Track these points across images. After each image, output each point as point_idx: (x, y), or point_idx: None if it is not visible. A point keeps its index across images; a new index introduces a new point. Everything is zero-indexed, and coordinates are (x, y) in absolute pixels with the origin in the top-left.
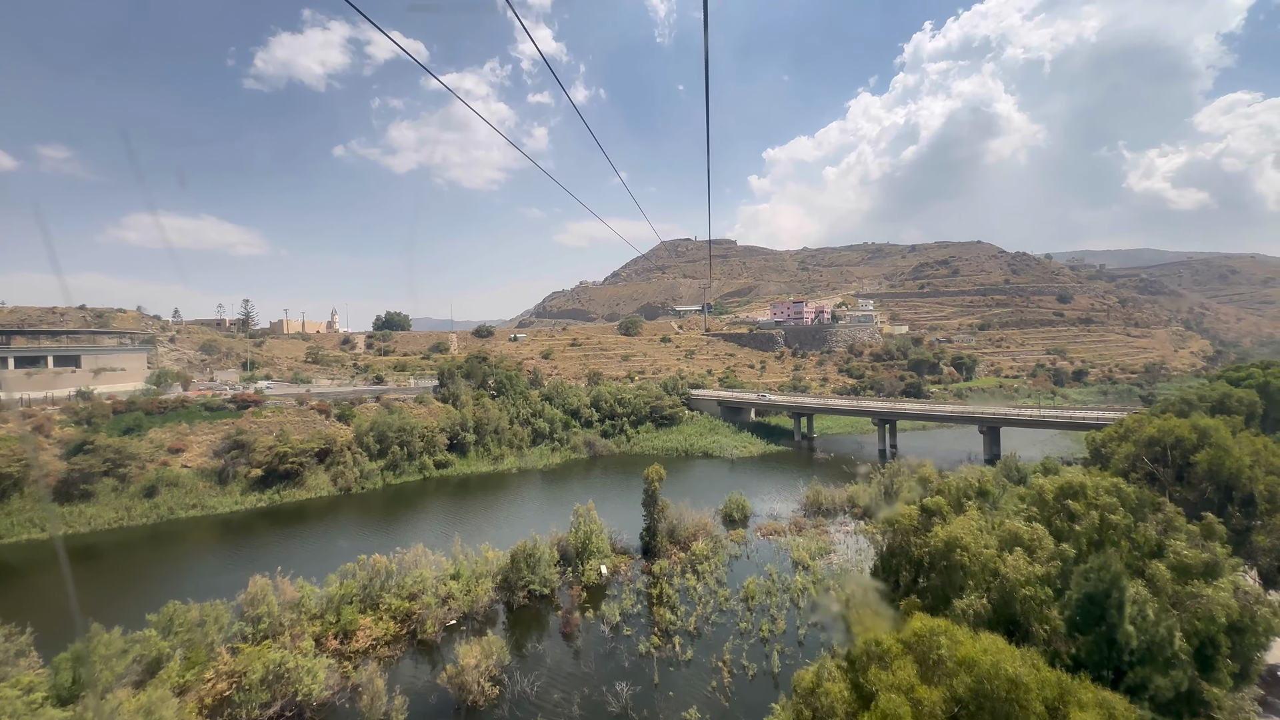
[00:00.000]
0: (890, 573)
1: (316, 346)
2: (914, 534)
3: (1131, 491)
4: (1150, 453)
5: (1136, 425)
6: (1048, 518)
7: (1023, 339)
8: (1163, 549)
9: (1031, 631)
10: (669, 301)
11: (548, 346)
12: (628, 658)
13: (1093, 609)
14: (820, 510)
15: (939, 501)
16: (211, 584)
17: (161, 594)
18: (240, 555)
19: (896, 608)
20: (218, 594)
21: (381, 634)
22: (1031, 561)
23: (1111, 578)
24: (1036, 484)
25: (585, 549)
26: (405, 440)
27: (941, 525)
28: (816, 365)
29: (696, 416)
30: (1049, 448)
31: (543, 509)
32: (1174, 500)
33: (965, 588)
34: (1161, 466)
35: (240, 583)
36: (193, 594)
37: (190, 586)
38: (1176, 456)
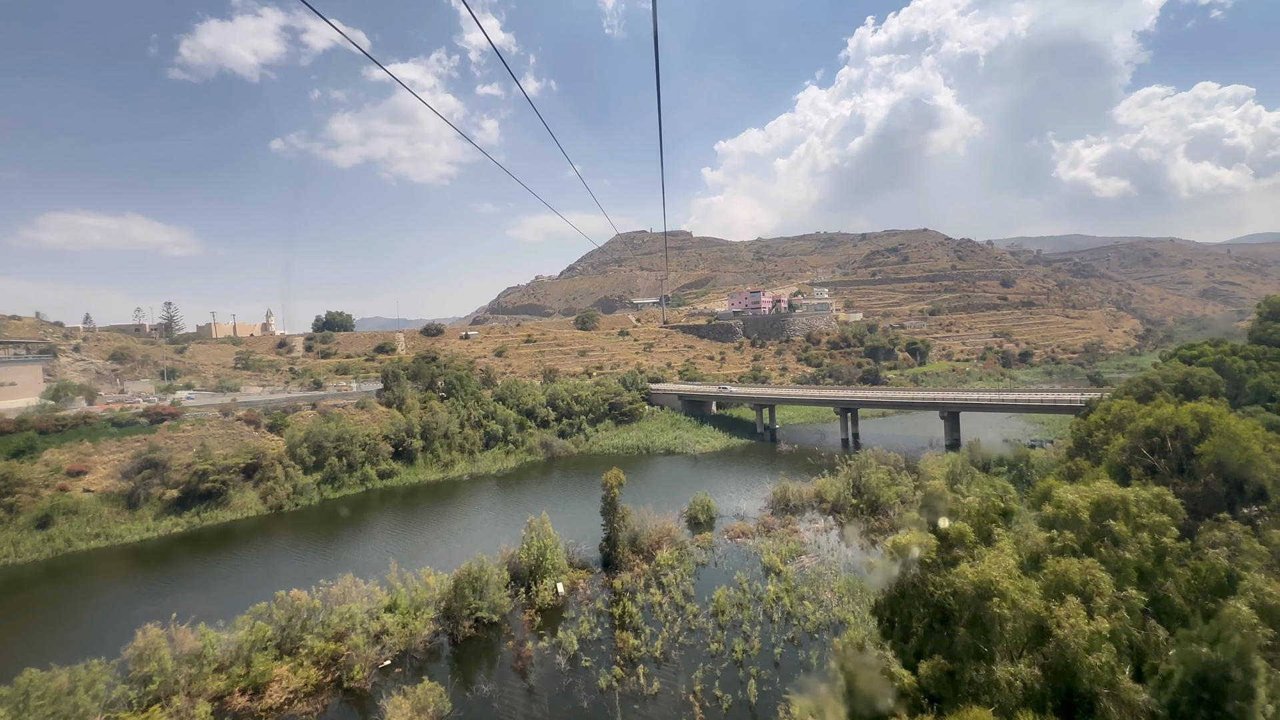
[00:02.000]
0: (898, 617)
1: (248, 351)
2: (931, 570)
3: (1177, 503)
4: (1148, 444)
5: (1126, 413)
6: (1085, 543)
7: (970, 323)
8: (1234, 581)
9: (1104, 713)
10: (626, 294)
11: (501, 344)
12: (587, 695)
13: (1202, 694)
14: (788, 507)
15: (962, 530)
16: (104, 630)
17: (40, 648)
18: (148, 591)
19: (912, 668)
20: (111, 641)
21: (301, 684)
22: (1090, 614)
23: (1237, 654)
24: (1065, 499)
25: (539, 567)
26: (344, 450)
27: (969, 561)
28: (775, 354)
29: (657, 412)
30: (1005, 430)
31: (497, 519)
32: (1177, 495)
33: (1003, 642)
34: (1160, 458)
35: (143, 623)
36: (78, 646)
37: (76, 636)
38: (1177, 447)
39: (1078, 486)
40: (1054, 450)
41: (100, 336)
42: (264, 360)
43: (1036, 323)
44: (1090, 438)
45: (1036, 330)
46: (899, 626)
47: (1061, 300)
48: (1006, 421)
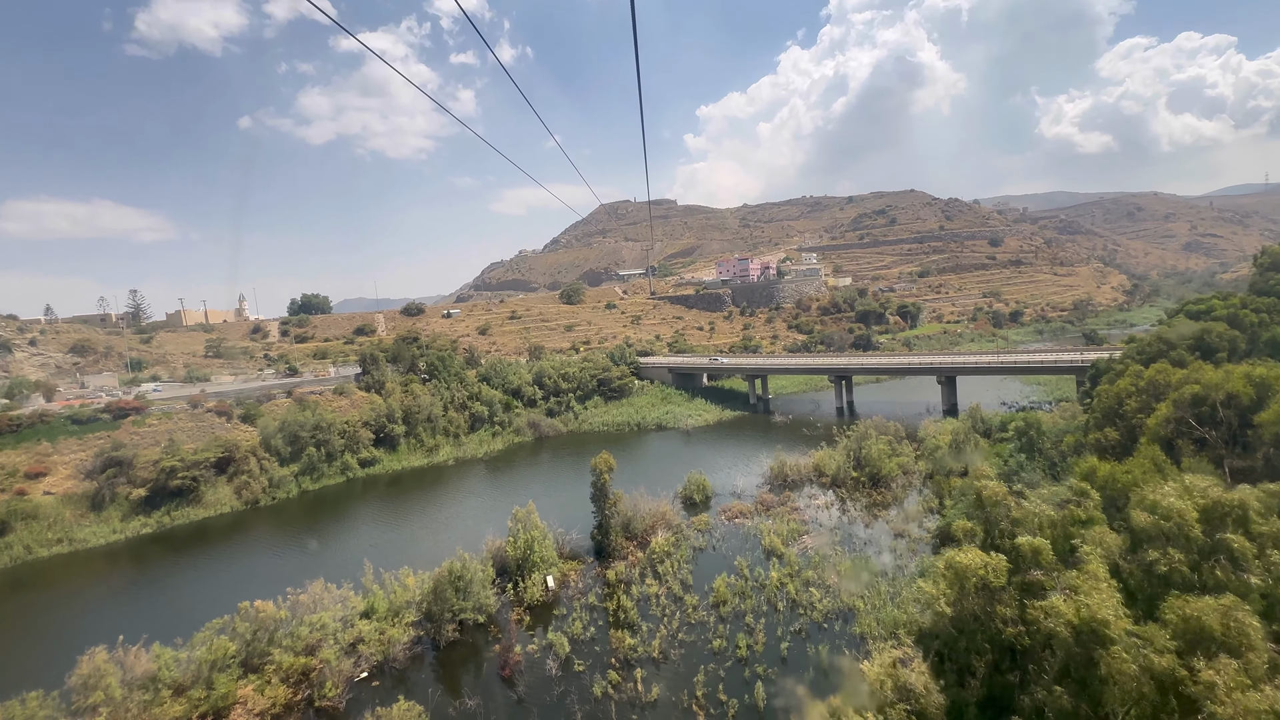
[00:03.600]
0: (953, 653)
1: (220, 338)
2: (999, 599)
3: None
4: (1196, 414)
5: (1161, 378)
6: (1196, 563)
7: (960, 283)
8: None
9: None
10: (612, 266)
11: (484, 321)
12: (581, 705)
13: None
14: (786, 483)
15: (1037, 546)
16: (61, 649)
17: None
18: (116, 601)
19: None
20: (68, 663)
21: (268, 706)
22: (1250, 680)
23: None
24: (1167, 504)
25: (527, 560)
26: (322, 439)
27: (1052, 588)
28: (766, 323)
29: (647, 386)
30: (1002, 392)
31: (484, 506)
32: (1232, 474)
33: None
34: (1211, 429)
35: (107, 636)
36: (30, 670)
37: (29, 658)
38: (1230, 416)
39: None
40: (1060, 414)
41: (60, 328)
42: (237, 347)
43: (1025, 281)
44: (1122, 406)
45: (1025, 289)
46: (954, 665)
47: (1049, 258)
48: (1002, 384)
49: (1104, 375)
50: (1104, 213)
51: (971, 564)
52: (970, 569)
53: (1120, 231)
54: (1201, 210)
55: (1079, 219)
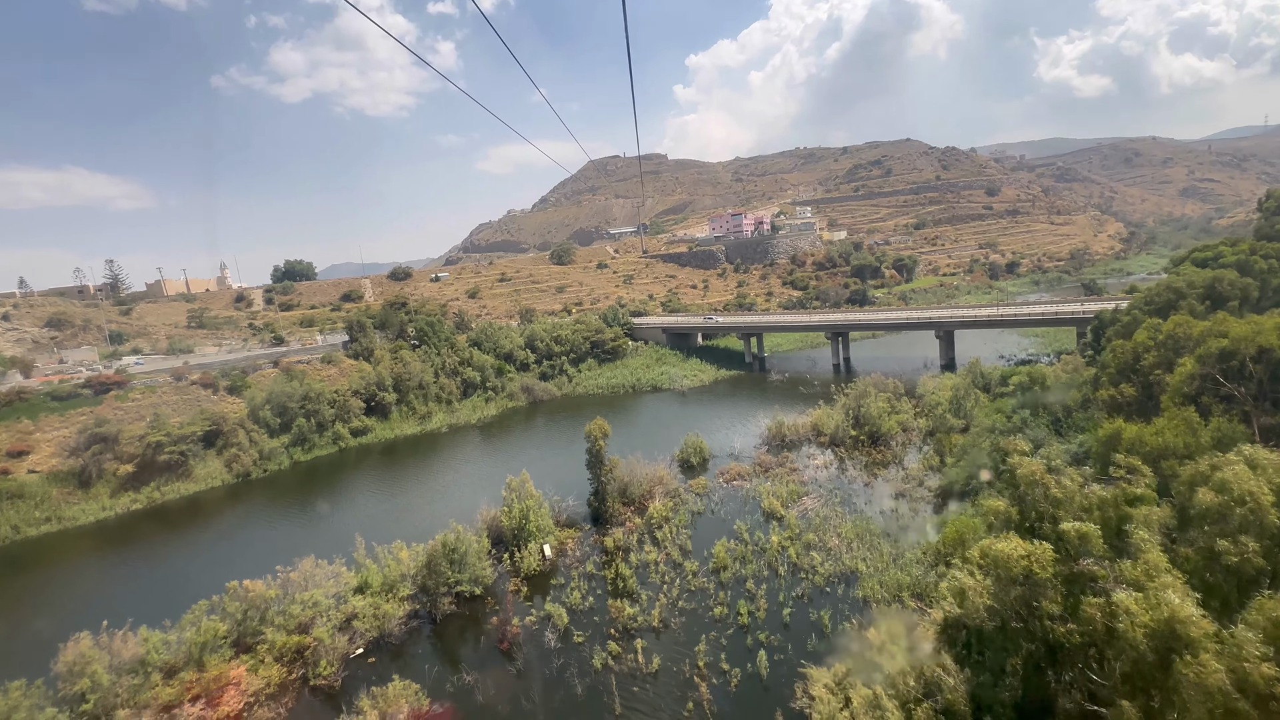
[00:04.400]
0: (988, 651)
1: (202, 308)
2: (1047, 596)
3: None
4: (1224, 369)
5: (1182, 331)
6: (1270, 550)
7: (956, 235)
8: None
9: None
10: (602, 225)
11: (474, 284)
12: (581, 678)
13: None
14: (784, 443)
15: (1086, 532)
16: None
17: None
18: (110, 578)
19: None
20: (62, 637)
21: (262, 686)
22: None
23: None
24: (1236, 483)
25: (523, 530)
26: (312, 409)
27: (1119, 588)
28: (760, 279)
29: (641, 347)
30: (999, 345)
31: (480, 473)
32: (1262, 432)
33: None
34: (1239, 385)
35: (99, 617)
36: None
37: (17, 644)
38: (1260, 371)
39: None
40: (1063, 368)
41: (35, 302)
42: (220, 317)
43: (1022, 231)
44: (1139, 362)
45: (1022, 239)
46: (986, 660)
47: (1046, 207)
48: (1000, 336)
49: (1110, 327)
50: (1101, 159)
51: (1012, 554)
52: (1010, 559)
53: (1118, 178)
54: (1200, 154)
55: (1076, 166)
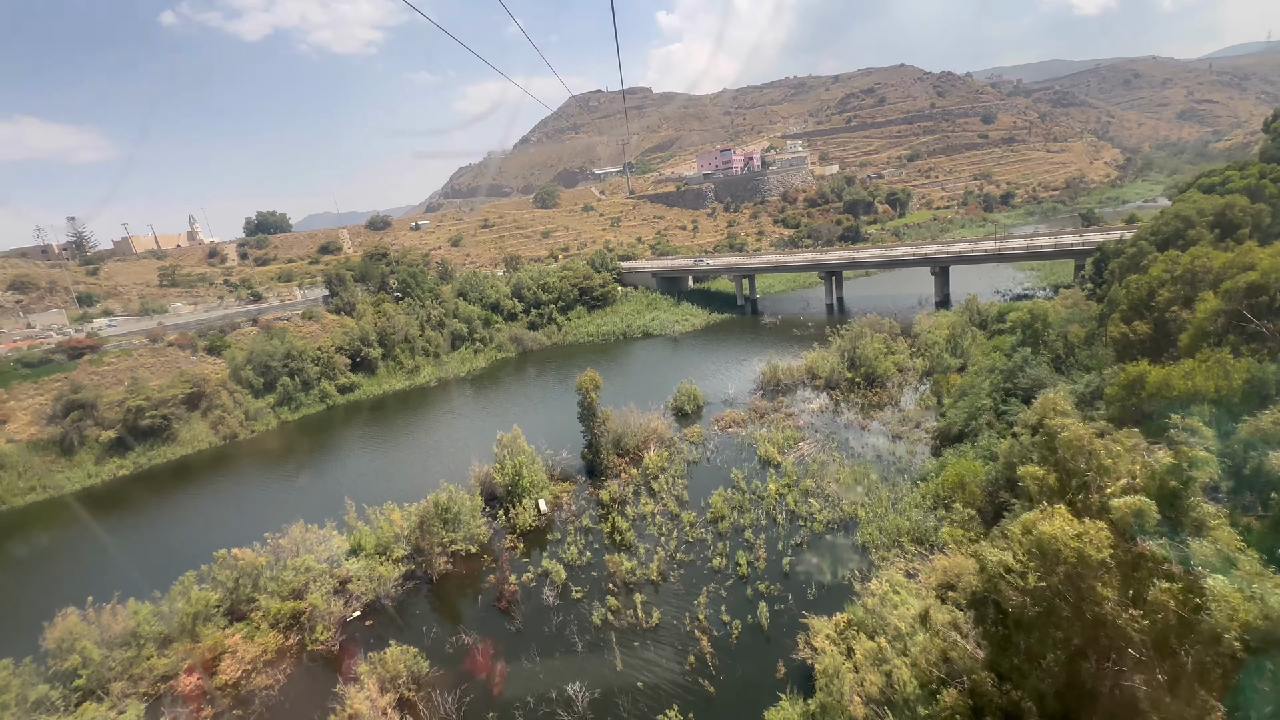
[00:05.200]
0: (1023, 638)
1: (173, 265)
2: (1102, 581)
3: None
4: (1251, 305)
5: (1201, 265)
6: None
7: (950, 166)
8: None
9: None
10: (587, 165)
11: (456, 232)
12: (581, 635)
13: None
14: (779, 388)
15: (1141, 507)
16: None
17: None
18: (99, 547)
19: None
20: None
21: (258, 653)
22: None
23: None
24: None
25: (516, 486)
26: (295, 368)
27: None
28: (751, 218)
29: (631, 293)
30: (995, 280)
31: (472, 427)
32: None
33: None
34: (1268, 322)
35: (91, 587)
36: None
37: (12, 613)
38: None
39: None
40: (1063, 302)
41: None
42: (194, 274)
43: (1017, 160)
44: (1154, 298)
45: (1017, 169)
46: (1022, 652)
47: (1043, 134)
48: (995, 271)
49: (1113, 259)
50: (1100, 81)
51: (1061, 534)
52: (1060, 540)
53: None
54: (1199, 74)
55: (1074, 89)
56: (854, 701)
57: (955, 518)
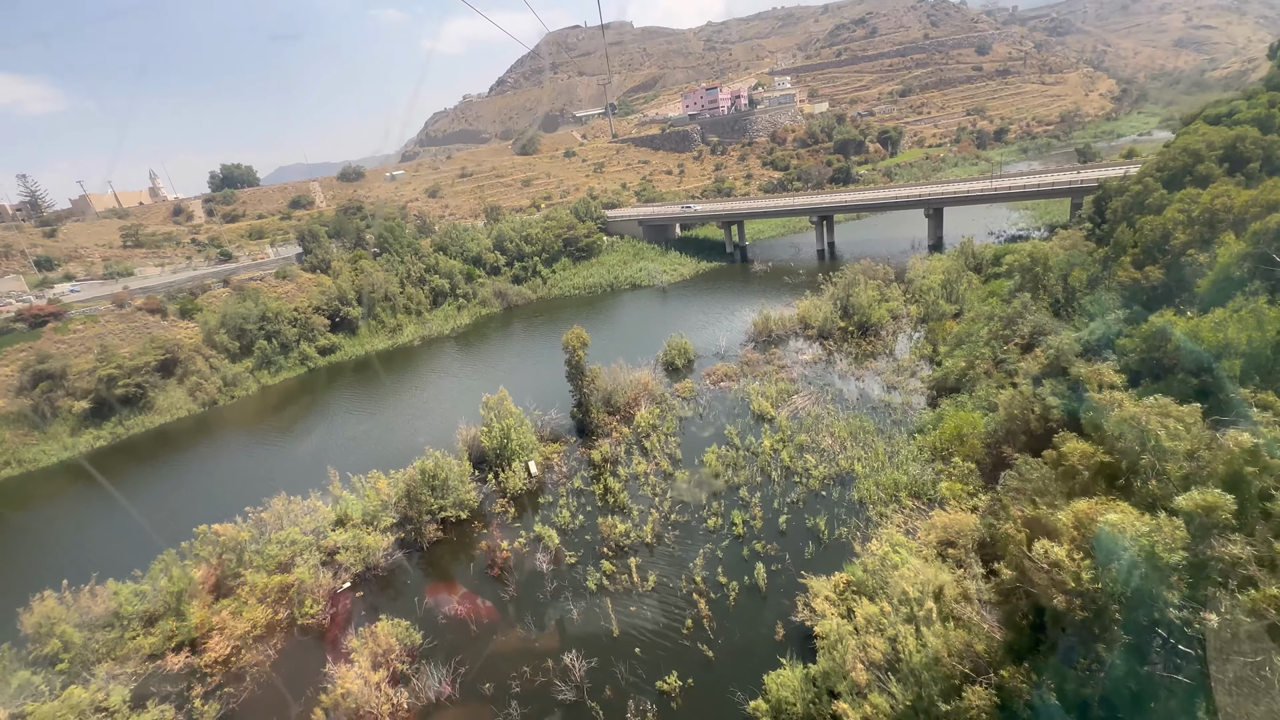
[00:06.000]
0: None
1: (137, 224)
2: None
3: None
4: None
5: (1222, 204)
6: None
7: (943, 101)
8: None
9: None
10: (567, 107)
11: (433, 182)
12: (575, 601)
13: None
14: (771, 338)
15: (1214, 503)
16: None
17: None
18: (78, 525)
19: None
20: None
21: (247, 629)
22: None
23: None
24: None
25: (504, 449)
26: (272, 330)
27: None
28: (739, 160)
29: (617, 242)
30: (989, 221)
31: (460, 387)
32: None
33: None
34: None
35: (79, 561)
36: None
37: None
38: None
39: None
40: (1060, 243)
41: None
42: (159, 234)
43: (1011, 94)
44: (1169, 241)
45: (1011, 103)
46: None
47: (1038, 65)
48: (989, 211)
49: (1116, 197)
50: (1097, 7)
51: (1130, 528)
52: (1126, 534)
53: (1112, 28)
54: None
55: (1070, 16)
56: (856, 668)
57: (954, 472)
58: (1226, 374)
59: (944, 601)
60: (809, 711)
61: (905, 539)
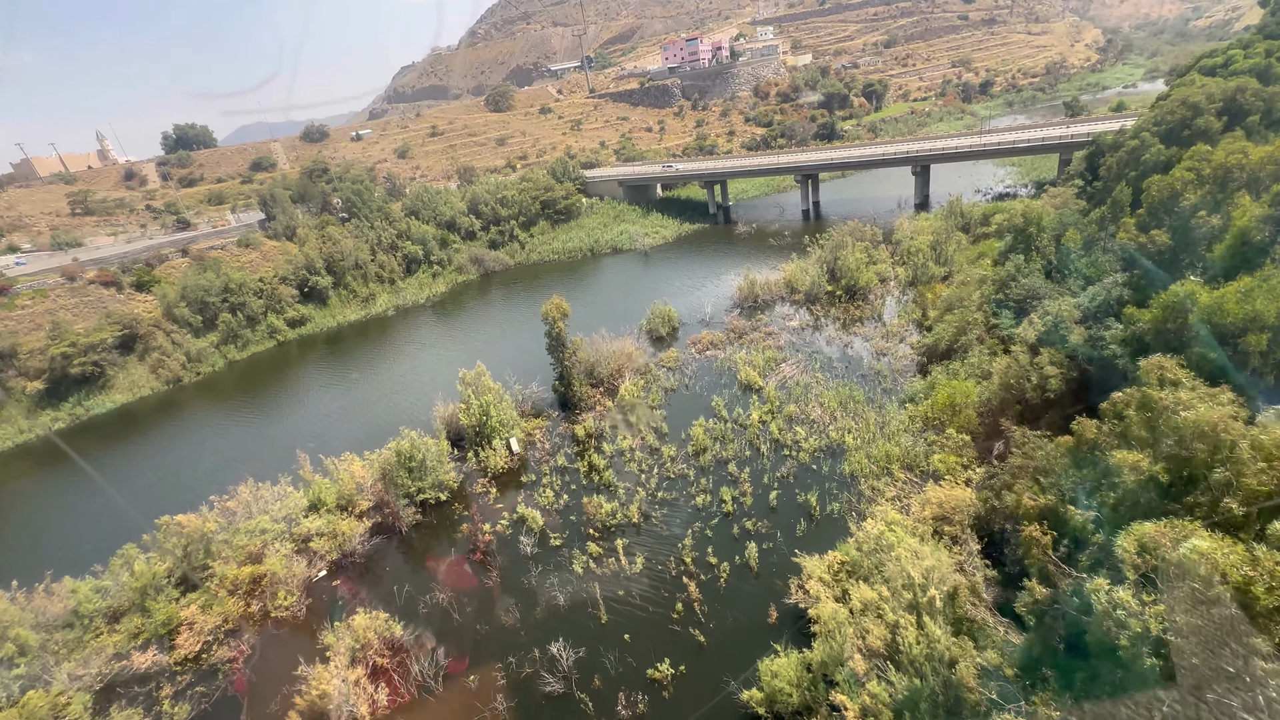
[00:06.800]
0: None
1: (85, 190)
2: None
3: None
4: None
5: (1236, 161)
6: None
7: (929, 52)
8: None
9: None
10: (542, 60)
11: (402, 142)
12: (562, 586)
13: None
14: (757, 304)
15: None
16: None
17: None
18: (38, 515)
19: None
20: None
21: (218, 623)
22: None
23: None
24: None
25: (484, 426)
26: (237, 302)
27: None
28: (721, 116)
29: (596, 204)
30: (975, 178)
31: (438, 359)
32: None
33: None
34: None
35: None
36: None
37: None
38: None
39: None
40: (1052, 201)
41: None
42: (110, 200)
43: (998, 45)
44: (1178, 200)
45: (997, 54)
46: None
47: (1024, 13)
48: (975, 168)
49: (1111, 153)
50: None
51: (1222, 559)
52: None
53: None
54: None
55: None
56: (855, 657)
57: (948, 444)
58: (1254, 349)
59: (958, 603)
60: (805, 700)
61: (900, 516)
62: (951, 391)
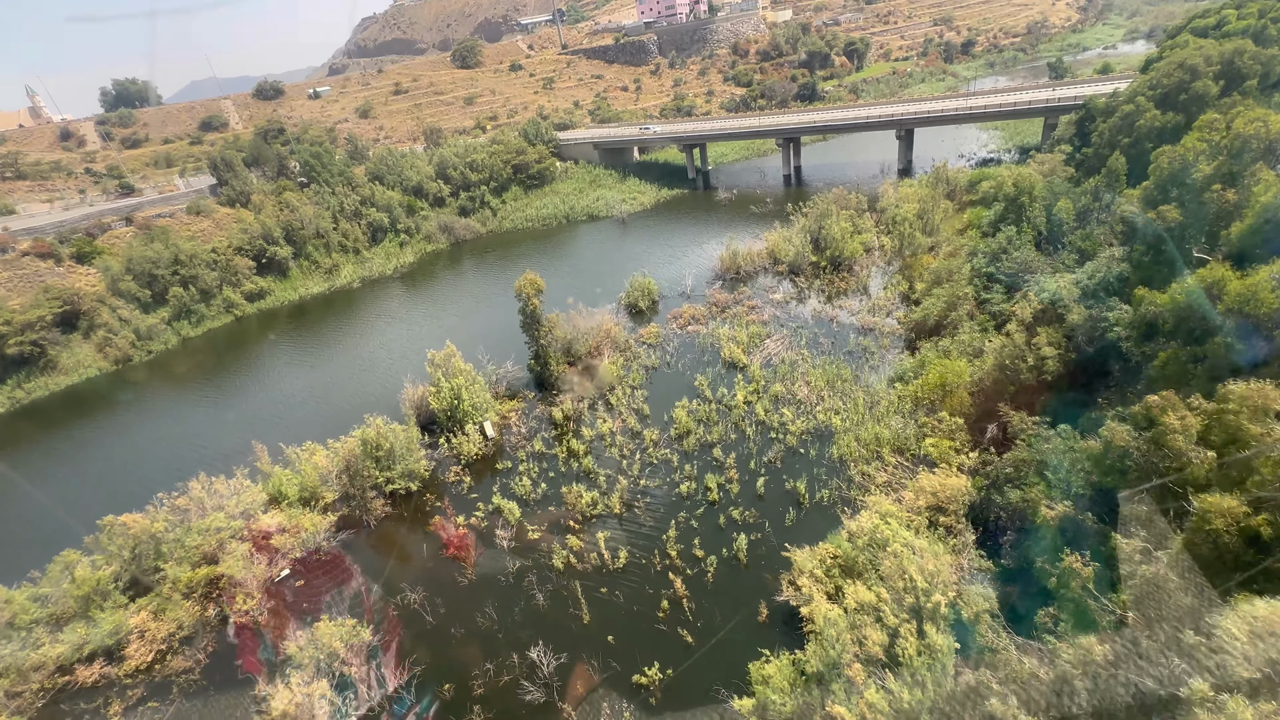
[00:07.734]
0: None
1: (16, 151)
2: None
3: None
4: None
5: (1254, 130)
6: None
7: (910, 9)
8: None
9: None
10: (511, 13)
11: (364, 100)
12: (541, 583)
13: None
14: (739, 275)
15: None
16: None
17: None
18: None
19: None
20: None
21: (173, 629)
22: None
23: None
24: None
25: (456, 410)
26: (188, 275)
27: None
28: (699, 75)
29: (571, 168)
30: (959, 143)
31: (410, 335)
32: None
33: None
34: None
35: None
36: None
37: None
38: None
39: None
40: (1040, 168)
41: None
42: (44, 163)
43: (979, 2)
44: (1188, 174)
45: (978, 11)
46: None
47: None
48: (958, 132)
49: (1103, 118)
50: None
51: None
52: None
53: None
54: None
55: None
56: (854, 666)
57: (941, 427)
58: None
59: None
60: (799, 708)
61: (894, 507)
62: (943, 371)
